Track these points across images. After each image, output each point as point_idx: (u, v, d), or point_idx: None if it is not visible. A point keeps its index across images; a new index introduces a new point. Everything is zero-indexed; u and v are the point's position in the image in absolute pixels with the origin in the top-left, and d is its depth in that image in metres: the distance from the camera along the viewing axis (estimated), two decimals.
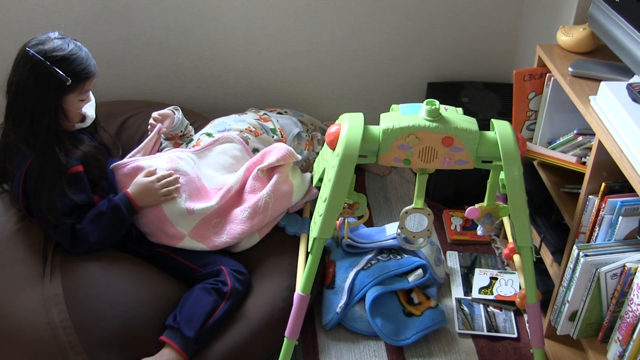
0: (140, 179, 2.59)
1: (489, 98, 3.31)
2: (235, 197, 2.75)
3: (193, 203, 2.64)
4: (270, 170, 2.77)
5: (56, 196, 2.41)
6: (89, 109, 2.59)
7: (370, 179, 3.56)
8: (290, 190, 2.75)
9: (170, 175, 2.62)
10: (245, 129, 2.94)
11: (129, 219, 2.55)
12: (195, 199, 2.66)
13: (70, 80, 2.41)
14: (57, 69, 2.39)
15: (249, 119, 3.03)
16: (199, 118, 3.26)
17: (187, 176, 2.68)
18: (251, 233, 2.68)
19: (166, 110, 2.92)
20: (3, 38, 3.30)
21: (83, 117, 2.58)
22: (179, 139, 2.98)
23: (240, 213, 2.68)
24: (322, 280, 2.82)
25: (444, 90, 3.39)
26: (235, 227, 2.65)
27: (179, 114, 2.94)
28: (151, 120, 2.89)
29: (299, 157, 2.81)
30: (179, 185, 2.63)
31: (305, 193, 2.82)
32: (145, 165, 2.66)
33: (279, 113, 3.24)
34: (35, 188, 2.42)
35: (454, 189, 3.34)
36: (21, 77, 2.41)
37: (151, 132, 2.86)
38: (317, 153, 3.12)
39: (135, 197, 2.55)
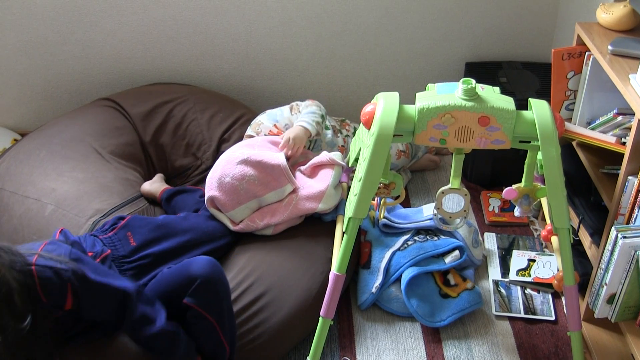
0: None
1: (527, 78, 3.26)
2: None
3: None
4: (313, 171, 2.80)
5: None
6: None
7: None
8: (320, 194, 2.71)
9: None
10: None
11: None
12: None
13: None
14: None
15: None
16: (247, 111, 3.31)
17: None
18: (268, 225, 2.70)
19: None
20: (36, 23, 3.34)
21: None
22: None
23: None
24: (358, 261, 2.81)
25: (482, 70, 3.35)
26: (257, 217, 2.70)
27: None
28: None
29: (342, 163, 2.79)
30: None
31: (333, 206, 2.76)
32: None
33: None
34: None
35: (492, 170, 3.31)
36: None
37: None
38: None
39: None
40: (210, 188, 2.72)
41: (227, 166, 2.71)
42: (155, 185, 2.93)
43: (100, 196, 2.66)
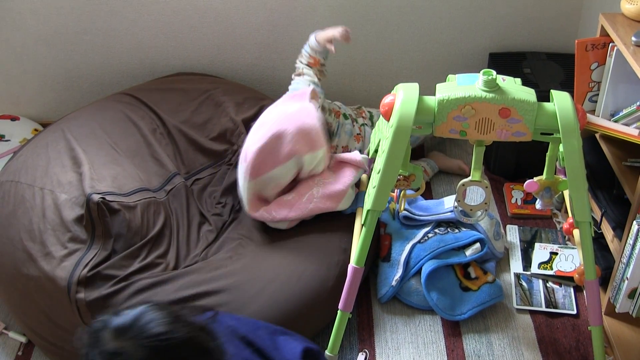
0: None
1: (552, 69, 3.22)
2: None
3: None
4: (337, 165, 2.79)
5: None
6: None
7: (430, 151, 3.49)
8: (342, 193, 2.70)
9: None
10: None
11: None
12: None
13: None
14: None
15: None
16: (270, 101, 3.25)
17: None
18: (284, 220, 2.71)
19: None
20: (57, 12, 3.35)
21: None
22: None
23: (285, 195, 2.73)
24: (378, 253, 2.79)
25: (505, 61, 3.31)
26: (273, 209, 2.71)
27: None
28: None
29: (366, 167, 2.78)
30: None
31: (349, 206, 2.76)
32: None
33: None
34: None
35: (515, 162, 3.28)
36: None
37: None
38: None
39: None
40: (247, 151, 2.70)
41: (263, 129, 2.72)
42: None
43: (103, 182, 2.67)
